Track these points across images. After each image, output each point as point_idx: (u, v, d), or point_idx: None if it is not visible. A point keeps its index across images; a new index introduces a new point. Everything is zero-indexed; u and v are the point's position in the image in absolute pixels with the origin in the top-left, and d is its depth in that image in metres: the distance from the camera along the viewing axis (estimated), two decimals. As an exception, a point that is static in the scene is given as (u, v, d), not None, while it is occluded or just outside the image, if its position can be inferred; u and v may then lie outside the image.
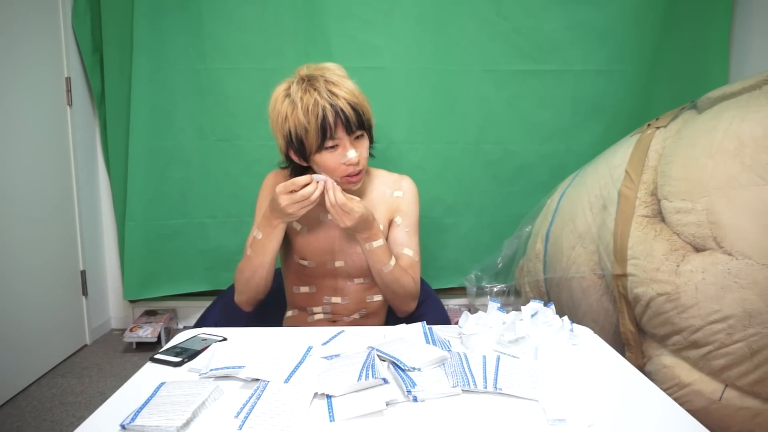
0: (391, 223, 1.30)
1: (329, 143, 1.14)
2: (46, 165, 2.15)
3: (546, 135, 2.32)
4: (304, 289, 1.33)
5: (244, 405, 0.77)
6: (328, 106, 1.10)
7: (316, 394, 0.80)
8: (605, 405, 0.80)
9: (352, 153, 1.14)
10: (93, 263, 2.45)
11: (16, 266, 1.97)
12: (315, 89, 1.12)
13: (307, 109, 1.11)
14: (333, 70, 1.17)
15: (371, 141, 1.23)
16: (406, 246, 1.28)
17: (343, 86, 1.13)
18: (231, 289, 1.86)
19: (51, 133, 2.18)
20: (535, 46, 2.24)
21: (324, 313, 1.32)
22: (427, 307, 1.47)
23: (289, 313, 1.37)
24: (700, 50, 2.26)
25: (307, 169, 1.23)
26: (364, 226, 1.15)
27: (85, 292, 2.38)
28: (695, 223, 1.30)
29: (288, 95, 1.15)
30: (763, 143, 1.25)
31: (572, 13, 2.20)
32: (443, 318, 1.40)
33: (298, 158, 1.20)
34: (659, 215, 1.43)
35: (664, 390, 1.20)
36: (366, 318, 1.34)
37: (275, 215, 1.14)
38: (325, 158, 1.16)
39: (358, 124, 1.14)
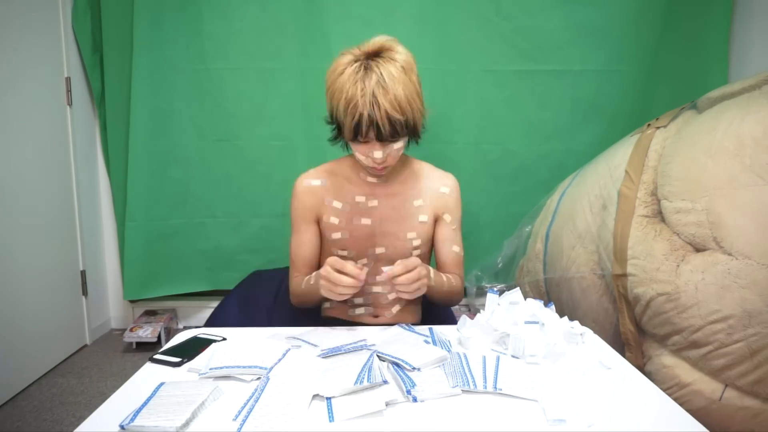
0: (438, 220, 1.30)
1: (360, 139, 1.14)
2: (46, 165, 2.15)
3: (546, 135, 2.32)
4: None
5: (243, 406, 0.77)
6: (365, 114, 1.09)
7: (315, 395, 0.80)
8: (605, 405, 0.80)
9: (377, 154, 1.15)
10: (93, 263, 2.45)
11: (16, 266, 1.97)
12: (364, 84, 1.09)
13: (348, 105, 1.10)
14: (394, 64, 1.12)
15: (417, 137, 1.23)
16: (455, 243, 1.30)
17: (392, 92, 1.09)
18: (243, 285, 1.88)
19: (51, 133, 2.18)
20: (535, 46, 2.24)
21: (365, 305, 1.29)
22: (435, 309, 1.47)
23: (327, 305, 1.34)
24: (700, 50, 2.26)
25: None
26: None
27: (85, 292, 2.38)
28: (695, 223, 1.30)
29: (342, 73, 1.12)
30: (763, 143, 1.25)
31: (572, 13, 2.20)
32: (451, 319, 1.40)
33: (338, 128, 1.20)
34: (659, 215, 1.43)
35: (664, 390, 1.20)
36: (405, 312, 1.32)
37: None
38: (355, 146, 1.17)
39: (391, 134, 1.12)
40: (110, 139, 2.34)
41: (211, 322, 1.70)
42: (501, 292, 1.05)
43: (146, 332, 2.32)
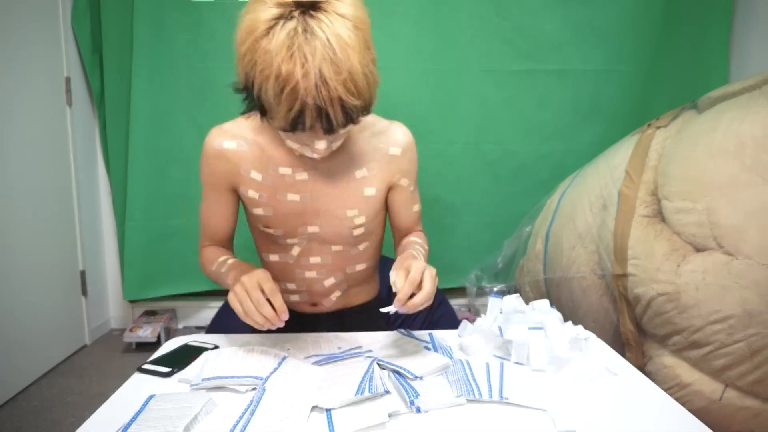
0: (392, 187, 1.08)
1: (300, 130, 0.85)
2: (46, 165, 2.15)
3: (546, 135, 2.32)
4: (274, 258, 1.12)
5: (239, 419, 0.73)
6: (310, 102, 0.79)
7: (314, 407, 0.76)
8: (606, 405, 0.80)
9: (320, 144, 0.88)
10: (93, 263, 2.45)
11: (15, 266, 1.97)
12: (305, 58, 0.76)
13: (282, 88, 0.78)
14: (344, 21, 0.78)
15: (369, 112, 0.92)
16: (414, 203, 1.13)
17: (346, 68, 0.78)
18: None
19: (51, 133, 2.18)
20: (535, 46, 2.24)
21: (299, 291, 1.12)
22: (440, 311, 1.45)
23: None
24: (700, 50, 2.26)
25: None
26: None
27: (84, 293, 2.38)
28: (696, 223, 1.30)
29: (267, 35, 0.79)
30: (763, 143, 1.25)
31: (572, 13, 2.20)
32: (455, 325, 1.34)
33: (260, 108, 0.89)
34: (659, 215, 1.43)
35: (665, 390, 1.20)
36: (349, 295, 1.16)
37: (233, 284, 0.89)
38: (288, 135, 0.90)
39: (344, 123, 0.84)
40: (110, 139, 2.34)
41: (215, 324, 1.67)
42: (502, 293, 1.03)
43: (146, 332, 2.32)
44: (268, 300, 0.85)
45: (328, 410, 0.75)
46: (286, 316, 0.86)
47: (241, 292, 0.85)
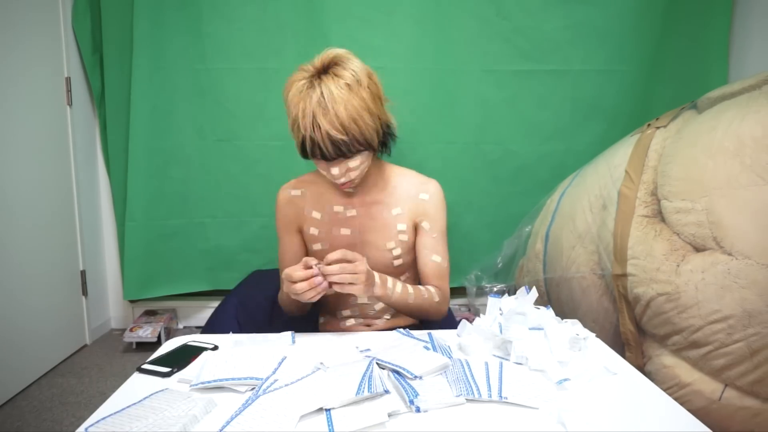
0: (417, 228, 1.26)
1: (308, 158, 1.14)
2: (46, 165, 2.15)
3: (546, 135, 2.32)
4: (331, 290, 1.27)
5: (234, 416, 0.73)
6: (308, 136, 1.08)
7: (313, 406, 0.76)
8: (605, 405, 0.80)
9: (334, 171, 1.13)
10: (93, 263, 2.45)
11: (16, 266, 1.97)
12: (305, 104, 1.07)
13: (294, 125, 1.10)
14: (337, 82, 1.08)
15: (381, 150, 1.21)
16: (434, 252, 1.25)
17: (332, 111, 1.06)
18: (244, 285, 1.87)
19: (51, 133, 2.18)
20: (535, 46, 2.23)
21: (354, 316, 1.29)
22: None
23: (321, 320, 1.35)
24: (700, 50, 2.26)
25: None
26: (374, 282, 1.10)
27: (85, 292, 2.38)
28: (695, 223, 1.30)
29: (292, 89, 1.11)
30: (763, 143, 1.25)
31: (572, 13, 2.20)
32: (451, 322, 1.37)
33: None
34: (659, 215, 1.43)
35: (664, 390, 1.20)
36: (397, 318, 1.30)
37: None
38: (317, 164, 1.16)
39: (335, 154, 1.09)
40: (110, 139, 2.34)
41: (211, 323, 1.69)
42: (502, 293, 1.04)
43: (146, 332, 2.32)
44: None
45: (327, 410, 0.75)
46: (313, 265, 1.03)
47: (285, 284, 1.05)
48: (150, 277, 2.37)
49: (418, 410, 0.77)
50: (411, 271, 1.31)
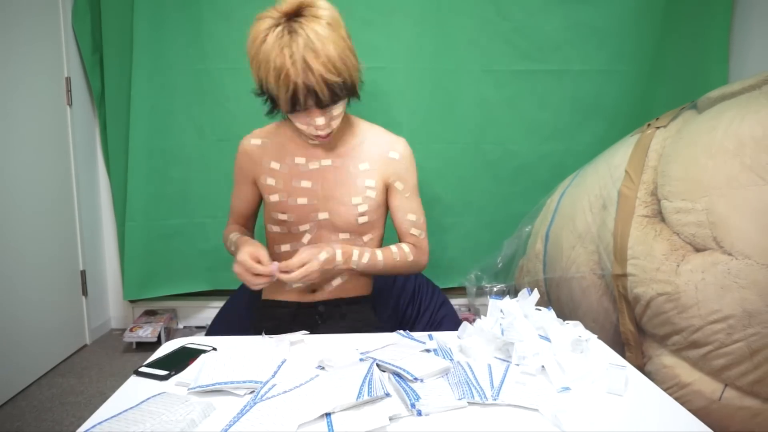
0: (389, 188, 1.24)
1: (299, 109, 1.08)
2: (46, 165, 2.15)
3: (546, 135, 2.32)
4: (285, 248, 1.25)
5: (234, 421, 0.73)
6: (300, 83, 1.02)
7: (314, 414, 0.75)
8: (606, 405, 0.80)
9: (319, 120, 1.09)
10: (93, 263, 2.45)
11: (16, 266, 1.97)
12: (291, 50, 1.01)
13: (279, 76, 1.03)
14: (319, 21, 1.03)
15: (357, 96, 1.17)
16: (409, 211, 1.25)
17: (323, 53, 1.01)
18: (243, 289, 1.88)
19: (51, 133, 2.18)
20: (535, 46, 2.24)
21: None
22: (443, 312, 1.45)
23: (264, 289, 1.30)
24: (700, 50, 2.26)
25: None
26: (335, 265, 1.14)
27: (85, 292, 2.38)
28: (695, 223, 1.30)
29: (265, 41, 1.04)
30: (763, 143, 1.25)
31: (572, 13, 2.20)
32: (458, 326, 1.35)
33: (272, 101, 1.14)
34: (659, 215, 1.43)
35: (664, 390, 1.20)
36: (346, 286, 1.25)
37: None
38: (294, 117, 1.11)
39: (331, 99, 1.06)
40: (110, 139, 2.34)
41: (216, 324, 1.67)
42: (502, 293, 1.03)
43: (146, 332, 2.32)
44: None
45: (328, 414, 0.75)
46: (275, 269, 1.07)
47: (238, 270, 1.10)
48: (150, 277, 2.37)
49: (419, 414, 0.76)
50: (375, 232, 1.27)
